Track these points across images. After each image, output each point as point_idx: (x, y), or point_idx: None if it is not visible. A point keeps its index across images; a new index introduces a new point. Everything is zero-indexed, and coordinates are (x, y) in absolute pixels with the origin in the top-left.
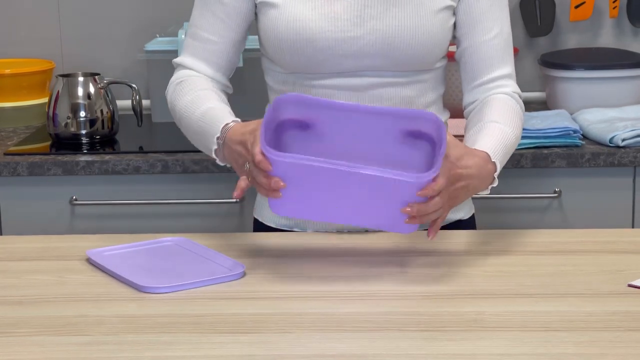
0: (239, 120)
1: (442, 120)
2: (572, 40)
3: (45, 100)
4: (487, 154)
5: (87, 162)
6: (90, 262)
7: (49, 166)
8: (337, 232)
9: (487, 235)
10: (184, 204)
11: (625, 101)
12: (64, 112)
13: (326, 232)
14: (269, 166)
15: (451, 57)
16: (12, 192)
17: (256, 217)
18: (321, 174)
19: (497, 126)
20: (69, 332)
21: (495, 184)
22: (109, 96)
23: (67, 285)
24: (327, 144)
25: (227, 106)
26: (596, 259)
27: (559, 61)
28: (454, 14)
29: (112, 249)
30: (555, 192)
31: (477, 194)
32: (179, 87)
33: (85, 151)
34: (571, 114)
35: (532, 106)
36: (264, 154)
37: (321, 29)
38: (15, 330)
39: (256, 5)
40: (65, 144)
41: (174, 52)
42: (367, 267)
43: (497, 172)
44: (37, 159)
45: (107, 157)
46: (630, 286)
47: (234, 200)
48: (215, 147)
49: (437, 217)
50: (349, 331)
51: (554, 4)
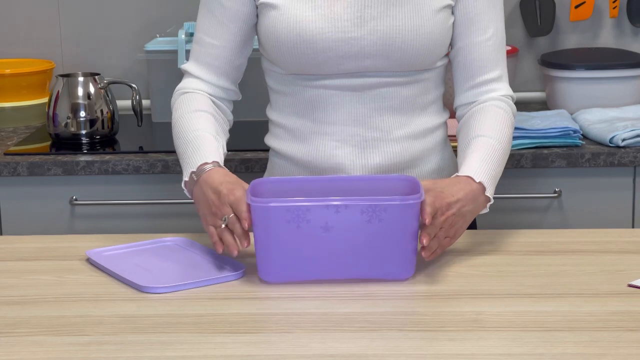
0: (219, 161)
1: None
2: (572, 40)
3: (45, 100)
4: (468, 177)
5: (87, 162)
6: (90, 262)
7: (49, 166)
8: None
9: (487, 235)
10: (184, 204)
11: (625, 101)
12: (64, 112)
13: None
14: (246, 224)
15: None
16: (12, 192)
17: None
18: (312, 211)
19: (484, 141)
20: (69, 332)
21: (491, 202)
22: (109, 96)
23: (67, 285)
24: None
25: (216, 137)
26: (596, 259)
27: (559, 61)
28: (453, 13)
29: (112, 249)
30: (555, 192)
31: (476, 215)
32: (179, 99)
33: (85, 151)
34: (571, 114)
35: (532, 106)
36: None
37: (321, 29)
38: (15, 330)
39: (257, 7)
40: (65, 144)
41: (174, 52)
42: None
43: (488, 190)
44: (37, 159)
45: (107, 157)
46: (630, 286)
47: None
48: (186, 179)
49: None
50: (349, 331)
51: (554, 4)
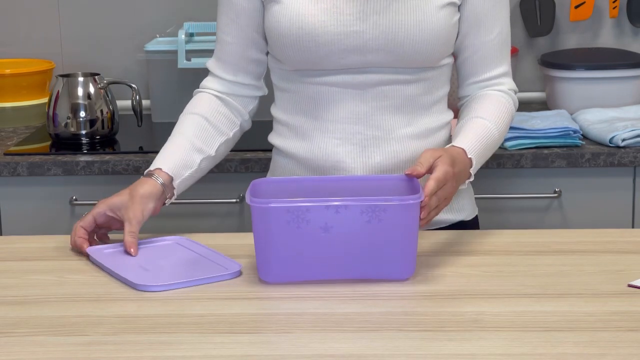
0: (168, 170)
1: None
2: (572, 40)
3: (45, 100)
4: (463, 149)
5: (87, 162)
6: (90, 259)
7: (49, 166)
8: None
9: (487, 235)
10: (184, 204)
11: (625, 101)
12: (64, 112)
13: None
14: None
15: None
16: (12, 192)
17: None
18: (311, 211)
19: (483, 123)
20: (69, 332)
21: (471, 179)
22: (109, 96)
23: (67, 285)
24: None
25: (191, 141)
26: (596, 259)
27: (559, 61)
28: (459, 11)
29: (112, 246)
30: (555, 192)
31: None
32: (191, 100)
33: (85, 151)
34: (571, 114)
35: (532, 106)
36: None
37: (323, 23)
38: (15, 330)
39: (263, 3)
40: (65, 144)
41: (174, 52)
42: None
43: (473, 166)
44: (37, 159)
45: (107, 157)
46: (630, 286)
47: (234, 200)
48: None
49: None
50: (348, 331)
51: (554, 4)
